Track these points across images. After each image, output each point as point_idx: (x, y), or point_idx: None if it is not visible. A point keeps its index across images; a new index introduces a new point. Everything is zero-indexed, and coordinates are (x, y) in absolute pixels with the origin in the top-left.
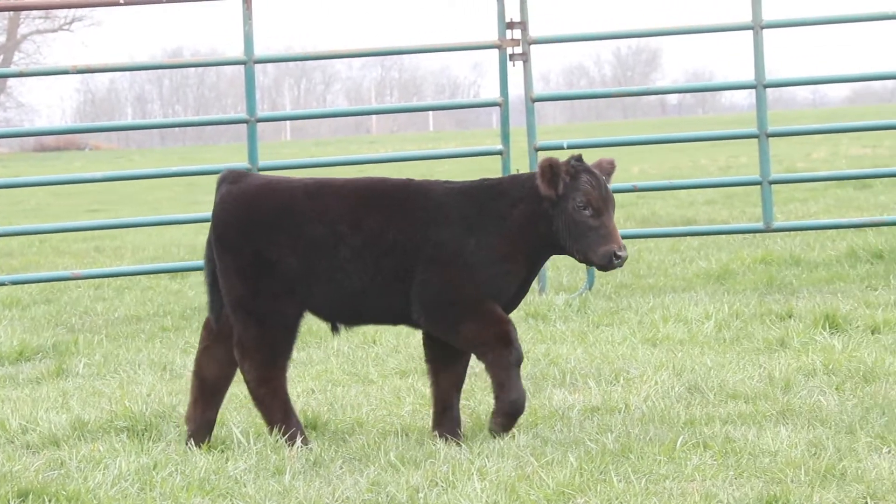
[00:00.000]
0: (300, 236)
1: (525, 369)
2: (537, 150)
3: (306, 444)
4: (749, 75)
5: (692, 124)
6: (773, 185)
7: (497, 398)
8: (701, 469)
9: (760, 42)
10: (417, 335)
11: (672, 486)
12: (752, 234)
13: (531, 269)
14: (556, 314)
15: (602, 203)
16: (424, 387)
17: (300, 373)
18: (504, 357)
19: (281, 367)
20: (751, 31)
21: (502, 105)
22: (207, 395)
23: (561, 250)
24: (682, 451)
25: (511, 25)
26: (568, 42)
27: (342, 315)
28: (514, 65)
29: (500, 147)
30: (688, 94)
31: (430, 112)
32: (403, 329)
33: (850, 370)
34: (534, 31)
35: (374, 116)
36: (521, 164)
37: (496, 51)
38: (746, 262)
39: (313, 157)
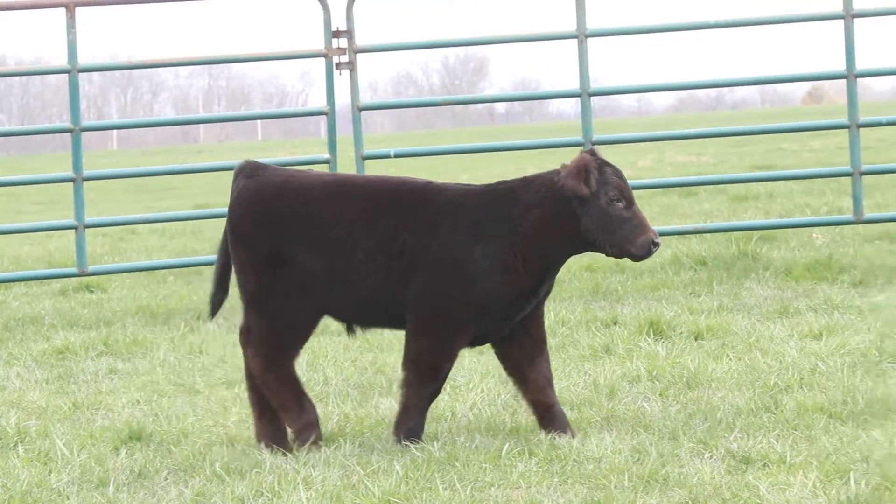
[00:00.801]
0: (317, 235)
1: (352, 378)
2: (364, 158)
3: (318, 434)
4: (575, 84)
5: (520, 133)
6: None
7: (398, 417)
8: (526, 476)
9: (585, 51)
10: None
11: (497, 494)
12: None
13: (546, 272)
14: None
15: (630, 193)
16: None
17: (125, 384)
18: (424, 386)
19: (288, 358)
20: (575, 40)
21: (329, 114)
22: (269, 406)
23: (587, 248)
24: (508, 458)
25: (337, 34)
26: (394, 51)
27: (357, 317)
28: (340, 73)
29: (327, 156)
30: (515, 103)
31: (259, 121)
32: (230, 339)
33: (673, 376)
34: (360, 40)
35: (201, 125)
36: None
37: (323, 59)
38: (572, 269)
39: (140, 167)
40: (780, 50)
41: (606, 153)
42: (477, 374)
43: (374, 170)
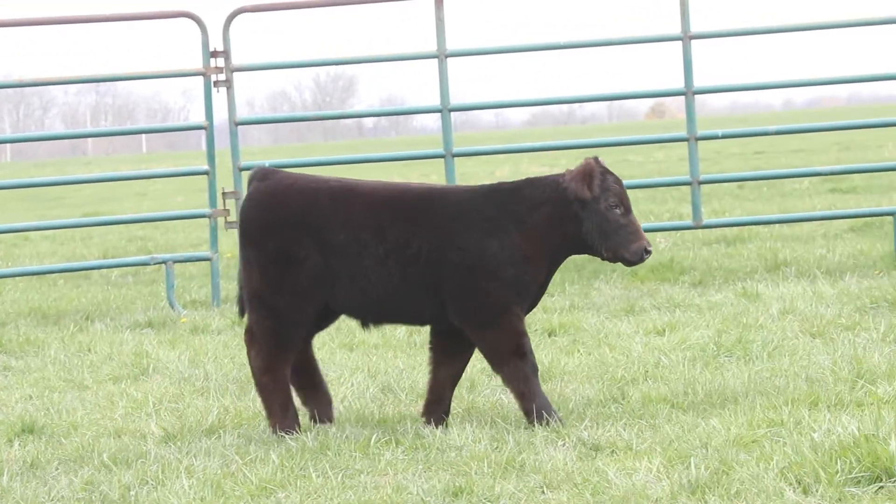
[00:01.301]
0: (323, 239)
1: (231, 374)
2: (241, 170)
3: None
4: (437, 100)
5: (386, 145)
6: None
7: (522, 410)
8: (393, 463)
9: (445, 70)
10: (130, 344)
11: (366, 480)
12: None
13: (550, 271)
14: None
15: (628, 201)
16: (137, 391)
17: (18, 380)
18: (519, 369)
19: (286, 358)
20: (436, 60)
21: (207, 128)
22: (306, 381)
23: (584, 251)
24: (376, 447)
25: (215, 54)
26: (269, 69)
27: (369, 315)
28: (218, 91)
29: (206, 167)
30: (382, 118)
31: (143, 135)
32: (117, 338)
33: None
34: (237, 59)
35: (89, 139)
36: (226, 183)
37: (202, 78)
38: None
39: (31, 178)
40: (625, 69)
41: (467, 164)
42: (347, 369)
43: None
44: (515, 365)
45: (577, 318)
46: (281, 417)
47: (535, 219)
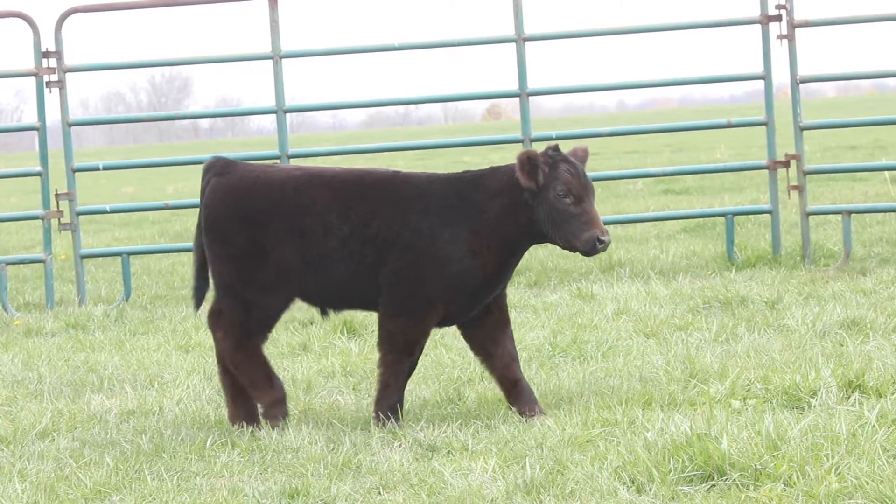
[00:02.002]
0: (292, 227)
1: (65, 376)
2: (74, 171)
3: (284, 410)
4: (273, 102)
5: (222, 147)
6: None
7: (378, 395)
8: (229, 466)
9: (280, 71)
10: None
11: (202, 483)
12: None
13: (508, 259)
14: (95, 324)
15: (582, 190)
16: None
17: None
18: (400, 362)
19: (256, 342)
20: (271, 61)
21: (40, 129)
22: (241, 390)
23: (543, 239)
24: (212, 449)
25: (47, 55)
26: (102, 70)
27: (331, 301)
28: (50, 91)
29: (39, 168)
30: (218, 119)
31: None
32: None
33: (365, 371)
34: (70, 60)
35: None
36: (59, 184)
37: (34, 78)
38: None
39: None
40: (461, 70)
41: (301, 165)
42: (183, 371)
43: (83, 182)
44: (399, 358)
45: None
46: (269, 388)
47: (491, 208)
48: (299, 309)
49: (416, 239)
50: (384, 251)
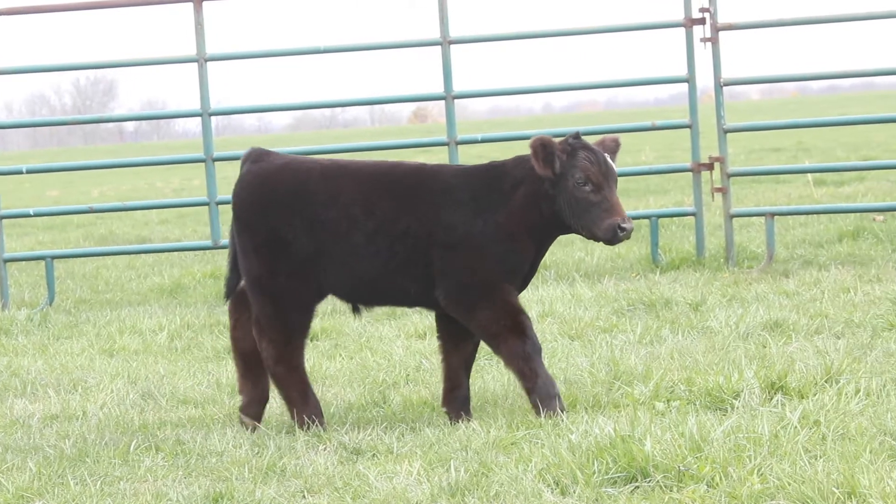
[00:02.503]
0: (314, 219)
1: None
2: None
3: (321, 424)
4: (199, 104)
5: (147, 149)
6: (220, 206)
7: (525, 390)
8: (153, 470)
9: (205, 74)
10: None
11: (126, 487)
12: (202, 251)
13: (538, 249)
14: (18, 328)
15: (602, 178)
16: None
17: None
18: (519, 348)
19: (297, 345)
20: (196, 64)
21: None
22: (253, 368)
23: (567, 229)
24: (136, 453)
25: None
26: (26, 73)
27: (360, 297)
28: None
29: None
30: (144, 122)
31: None
32: None
33: None
34: None
35: None
36: None
37: None
38: (197, 276)
39: None
40: (387, 73)
41: (225, 169)
42: (107, 375)
43: (7, 185)
44: (514, 343)
45: (340, 323)
46: (302, 405)
47: (516, 196)
48: (224, 313)
49: (451, 235)
50: (418, 250)
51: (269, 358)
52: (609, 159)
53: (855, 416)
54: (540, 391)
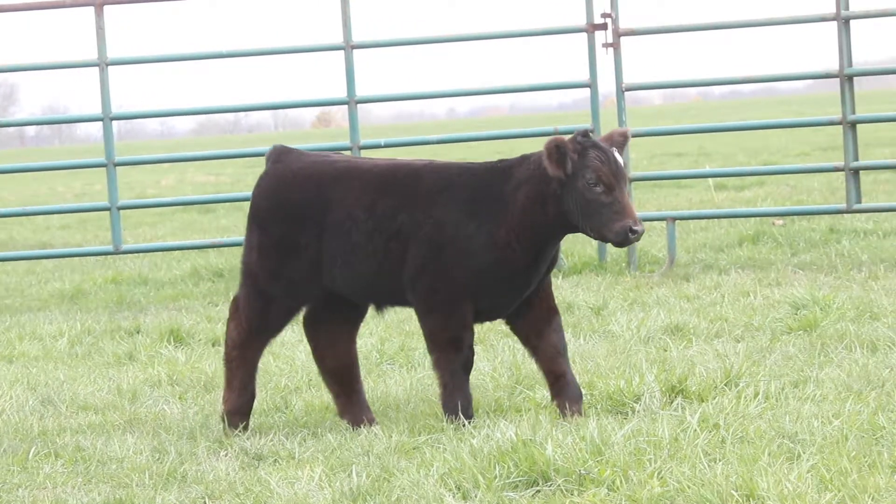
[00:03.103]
0: (324, 222)
1: None
2: None
3: (241, 425)
4: (100, 109)
5: (49, 154)
6: (122, 211)
7: (442, 399)
8: (52, 477)
9: (106, 78)
10: None
11: (24, 494)
12: (103, 256)
13: (541, 250)
14: None
15: (613, 178)
16: None
17: None
18: (451, 361)
19: (263, 340)
20: (97, 68)
21: None
22: (344, 383)
23: (574, 229)
24: (35, 460)
25: None
26: None
27: (365, 297)
28: None
29: None
30: (45, 126)
31: None
32: None
33: (192, 380)
34: None
35: None
36: None
37: None
38: (98, 282)
39: None
40: (290, 78)
41: (132, 173)
42: (6, 381)
43: None
44: (448, 356)
45: None
46: (236, 397)
47: (518, 198)
48: (125, 318)
49: (439, 232)
50: (407, 245)
51: (231, 340)
52: (619, 157)
53: (754, 419)
54: (452, 409)
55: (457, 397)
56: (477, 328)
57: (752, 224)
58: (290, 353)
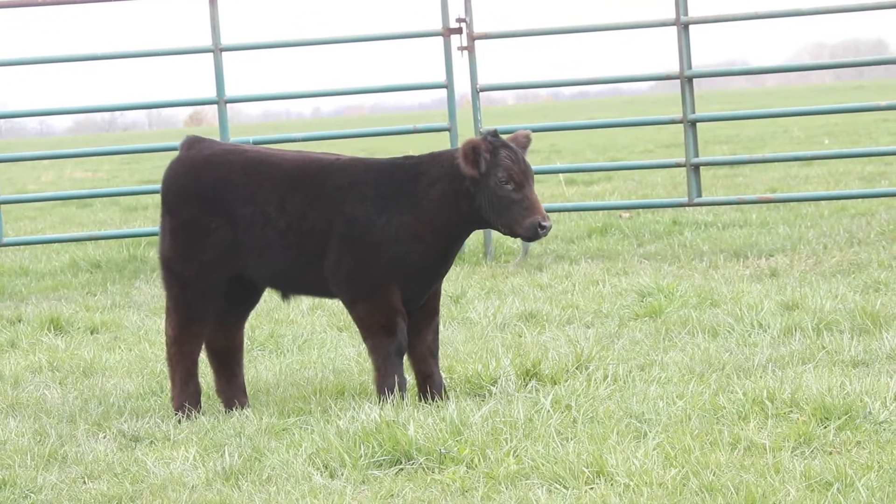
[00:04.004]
0: (233, 212)
1: None
2: None
3: (196, 411)
4: None
5: None
6: (3, 205)
7: (376, 383)
8: None
9: None
10: None
11: None
12: None
13: (449, 247)
14: None
15: (522, 176)
16: None
17: None
18: (383, 346)
19: (195, 332)
20: None
21: None
22: (226, 364)
23: (484, 225)
24: None
25: None
26: None
27: (282, 287)
28: None
29: None
30: None
31: None
32: None
33: (72, 366)
34: None
35: None
36: None
37: None
38: None
39: None
40: (164, 79)
41: (14, 170)
42: None
43: None
44: (381, 341)
45: (119, 316)
46: (181, 391)
47: (431, 195)
48: (7, 308)
49: (352, 228)
50: (323, 243)
51: (168, 338)
52: (525, 157)
53: (603, 400)
54: (386, 388)
55: (390, 381)
56: (340, 317)
57: (601, 217)
58: (164, 340)
